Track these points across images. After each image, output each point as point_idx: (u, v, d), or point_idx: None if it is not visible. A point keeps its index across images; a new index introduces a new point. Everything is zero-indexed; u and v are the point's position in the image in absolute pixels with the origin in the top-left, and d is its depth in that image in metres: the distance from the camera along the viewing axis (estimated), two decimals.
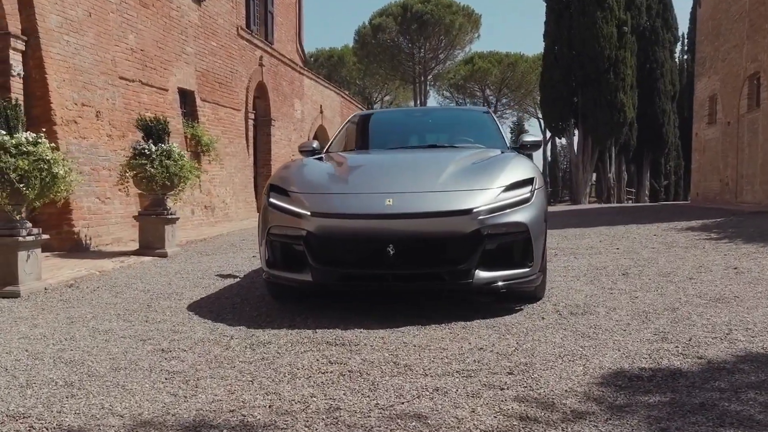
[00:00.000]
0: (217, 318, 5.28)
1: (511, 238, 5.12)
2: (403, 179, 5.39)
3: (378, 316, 5.09)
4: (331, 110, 26.31)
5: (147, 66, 12.39)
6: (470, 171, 5.42)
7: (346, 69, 61.93)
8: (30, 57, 9.19)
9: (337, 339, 4.50)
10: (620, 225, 12.14)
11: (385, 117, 7.89)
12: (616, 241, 9.49)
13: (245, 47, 17.52)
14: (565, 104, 33.30)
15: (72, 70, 9.82)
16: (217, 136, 15.32)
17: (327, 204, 5.21)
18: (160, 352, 4.30)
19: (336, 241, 5.11)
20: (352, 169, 5.79)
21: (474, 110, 8.20)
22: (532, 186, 5.30)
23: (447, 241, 5.00)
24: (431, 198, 5.09)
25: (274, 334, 4.68)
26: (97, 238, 9.71)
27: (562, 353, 3.99)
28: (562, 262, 7.61)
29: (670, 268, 6.87)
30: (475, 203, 5.00)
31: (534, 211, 5.19)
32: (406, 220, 4.98)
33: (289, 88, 21.19)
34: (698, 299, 5.36)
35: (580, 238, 10.28)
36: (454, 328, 4.75)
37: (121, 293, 6.45)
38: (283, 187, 5.51)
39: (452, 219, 4.96)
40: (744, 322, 4.55)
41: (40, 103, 9.25)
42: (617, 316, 4.91)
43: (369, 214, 5.04)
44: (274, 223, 5.38)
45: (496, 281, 5.04)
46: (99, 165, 10.02)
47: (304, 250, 5.14)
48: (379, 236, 4.99)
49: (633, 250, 8.40)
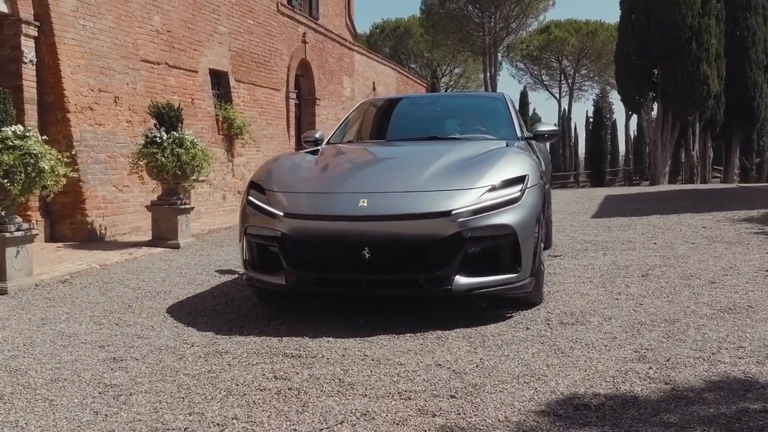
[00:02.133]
0: (191, 321, 5.35)
1: (496, 241, 5.00)
2: (381, 178, 5.33)
3: (356, 322, 5.08)
4: (386, 86, 26.23)
5: (174, 47, 12.57)
6: (456, 169, 5.30)
7: (412, 41, 61.61)
8: (43, 43, 9.44)
9: (298, 349, 4.49)
10: (675, 214, 11.74)
11: (392, 105, 7.79)
12: (659, 235, 9.18)
13: (286, 24, 17.59)
14: (643, 77, 32.27)
15: (88, 55, 10.04)
16: (253, 118, 15.47)
17: (300, 204, 5.20)
18: (110, 361, 4.38)
19: (310, 243, 5.09)
20: (333, 166, 5.75)
21: (488, 96, 8.04)
22: (523, 184, 5.15)
23: (425, 245, 4.91)
24: (408, 199, 5.00)
25: (237, 342, 4.71)
26: (113, 228, 9.95)
27: (523, 373, 3.88)
28: (586, 260, 7.42)
29: (696, 269, 6.60)
30: (454, 204, 4.89)
31: (524, 212, 5.05)
32: (381, 222, 4.92)
33: (336, 65, 21.20)
34: (707, 308, 5.13)
35: (623, 229, 10.00)
36: (427, 338, 4.69)
37: (110, 291, 6.60)
38: (261, 185, 5.51)
39: (430, 221, 4.87)
40: (740, 339, 4.33)
41: (53, 90, 9.51)
42: (608, 328, 4.75)
43: (341, 216, 4.99)
44: (251, 222, 5.40)
45: (478, 288, 4.94)
46: (116, 152, 10.25)
47: (278, 252, 5.14)
48: (353, 239, 4.95)
49: (670, 246, 8.11)
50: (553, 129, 6.81)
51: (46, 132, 9.41)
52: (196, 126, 13.16)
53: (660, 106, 33.05)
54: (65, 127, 9.49)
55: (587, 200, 17.34)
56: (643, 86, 32.71)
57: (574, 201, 17.17)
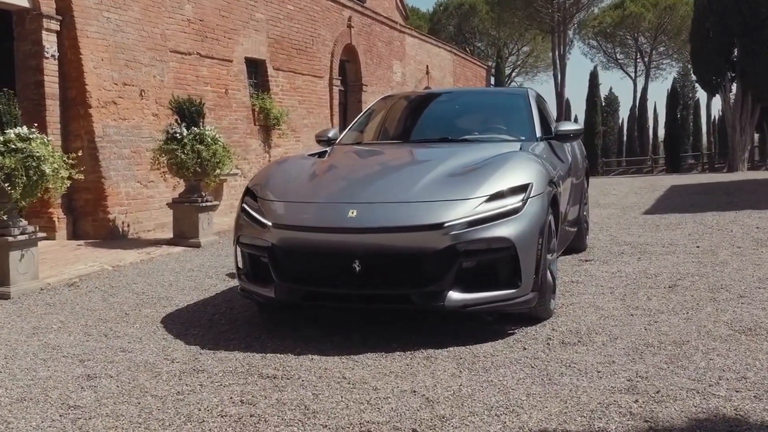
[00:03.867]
0: (181, 333, 5.40)
1: (493, 255, 4.90)
2: (374, 187, 5.27)
3: (350, 337, 5.07)
4: (441, 70, 26.02)
5: (207, 37, 12.69)
6: (454, 177, 5.20)
7: (477, 19, 60.93)
8: (65, 37, 9.63)
9: (277, 368, 4.49)
10: (734, 211, 11.34)
11: (409, 103, 7.69)
12: (706, 236, 8.88)
13: (330, 8, 17.58)
14: (720, 56, 31.24)
15: (112, 49, 10.21)
16: (293, 107, 15.53)
17: (290, 214, 5.18)
18: (84, 378, 4.44)
19: (299, 255, 5.08)
20: (328, 172, 5.71)
21: (510, 93, 7.84)
22: (525, 194, 5.02)
23: (416, 259, 4.84)
24: (399, 210, 4.93)
25: (219, 359, 4.73)
26: (136, 225, 10.13)
27: (499, 403, 3.79)
28: (616, 266, 7.23)
29: (729, 280, 6.35)
30: (447, 216, 4.80)
31: (524, 224, 4.93)
32: (371, 235, 4.87)
33: (386, 49, 21.12)
34: (724, 329, 4.92)
35: (670, 229, 9.72)
36: (416, 357, 4.63)
37: (114, 296, 6.71)
38: (255, 192, 5.52)
39: (421, 234, 4.80)
40: (746, 368, 4.13)
41: (75, 84, 9.71)
42: (610, 350, 4.60)
43: (329, 227, 4.96)
44: (243, 231, 5.41)
45: (474, 304, 4.85)
46: (141, 147, 10.41)
47: (268, 264, 5.14)
48: (341, 252, 4.91)
49: (713, 251, 7.83)
50: (577, 128, 6.62)
51: (68, 128, 9.67)
52: (230, 117, 13.29)
53: (739, 87, 31.98)
54: (87, 123, 9.68)
55: (649, 192, 16.94)
56: (721, 66, 31.66)
57: (634, 193, 16.79)
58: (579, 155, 8.10)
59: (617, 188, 18.74)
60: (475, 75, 30.68)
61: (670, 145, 46.00)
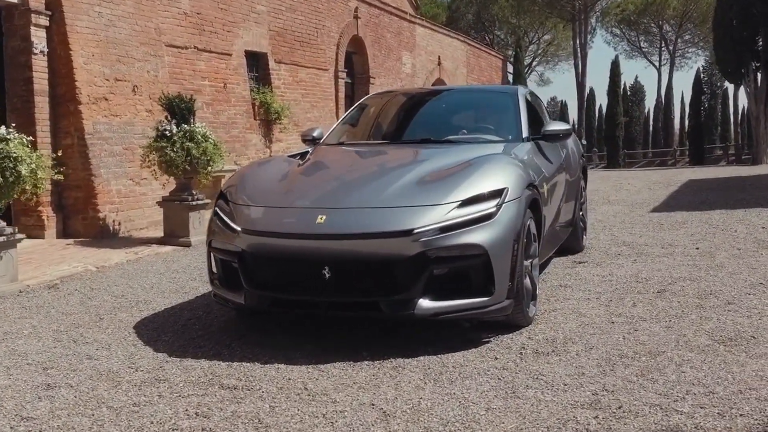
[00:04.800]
0: (152, 339, 5.41)
1: (465, 262, 4.86)
2: (346, 191, 5.25)
3: (321, 344, 5.06)
4: (453, 61, 25.92)
5: (205, 30, 12.70)
6: (427, 181, 5.17)
7: (497, 6, 60.60)
8: (54, 32, 9.67)
9: (240, 379, 4.49)
10: (743, 208, 11.23)
11: (396, 101, 7.65)
12: (708, 237, 8.79)
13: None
14: (744, 46, 30.90)
15: (103, 44, 10.24)
16: (296, 101, 15.54)
17: (259, 219, 5.18)
18: (43, 387, 4.45)
19: (268, 262, 5.07)
20: (301, 175, 5.69)
21: (499, 91, 7.77)
22: (499, 199, 4.98)
23: (386, 267, 4.81)
24: (369, 215, 4.91)
25: (183, 368, 4.73)
26: (128, 223, 10.18)
27: (455, 419, 3.76)
28: (609, 269, 7.17)
29: (720, 285, 6.28)
30: (417, 222, 4.77)
31: (498, 230, 4.89)
32: (339, 241, 4.85)
33: (394, 40, 21.06)
34: (704, 338, 4.87)
35: (674, 228, 9.63)
36: (383, 367, 4.61)
37: (92, 299, 6.74)
38: (228, 196, 5.52)
39: (390, 241, 4.77)
40: (717, 381, 4.08)
41: (64, 81, 9.75)
42: (583, 361, 4.56)
43: (297, 234, 4.95)
44: (215, 236, 5.42)
45: (445, 312, 4.82)
46: (134, 143, 10.45)
47: (238, 270, 5.14)
48: (310, 258, 4.90)
49: (711, 252, 7.75)
50: (565, 128, 6.56)
51: (58, 124, 9.71)
52: (229, 112, 13.31)
53: (763, 78, 31.65)
54: (77, 119, 9.72)
55: (663, 187, 16.82)
56: (745, 55, 31.32)
57: (648, 188, 16.67)
58: (574, 153, 8.04)
59: (632, 183, 18.63)
60: (490, 65, 30.54)
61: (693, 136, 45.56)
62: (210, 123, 12.65)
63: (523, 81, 39.49)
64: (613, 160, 45.72)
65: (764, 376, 4.16)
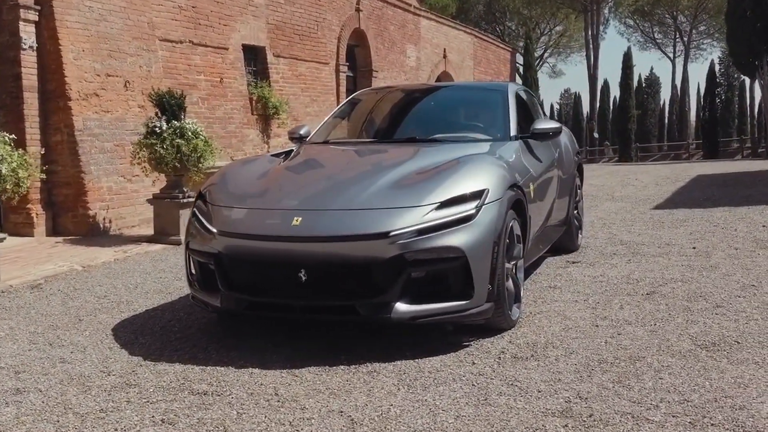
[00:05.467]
0: (128, 342, 5.41)
1: (443, 265, 4.84)
2: (323, 192, 5.25)
3: (299, 347, 5.06)
4: (460, 53, 25.83)
5: (200, 24, 12.69)
6: (406, 182, 5.15)
7: None
8: (44, 27, 9.68)
9: (211, 384, 4.48)
10: (747, 206, 11.17)
11: (383, 98, 7.62)
12: (708, 235, 8.74)
13: None
14: (757, 37, 30.68)
15: (94, 39, 10.25)
16: (295, 95, 15.52)
17: (235, 221, 5.17)
18: (13, 392, 4.46)
19: (245, 264, 5.07)
20: (281, 176, 5.68)
21: (489, 89, 7.69)
22: (479, 200, 4.95)
23: (362, 270, 4.80)
24: (346, 217, 4.90)
25: (156, 372, 4.72)
26: (119, 221, 10.19)
27: (422, 427, 3.73)
28: (602, 269, 7.13)
29: (712, 287, 6.24)
30: (394, 225, 4.75)
31: (477, 232, 4.86)
32: (315, 244, 4.84)
33: (398, 33, 21.01)
34: (686, 343, 4.83)
35: (674, 227, 9.58)
36: (358, 372, 4.60)
37: (74, 299, 6.75)
38: (206, 196, 5.51)
39: (367, 243, 4.76)
40: (693, 389, 4.04)
41: (54, 76, 9.76)
42: (561, 366, 4.53)
43: (272, 236, 4.94)
44: (192, 238, 5.42)
45: (423, 316, 4.81)
46: (126, 140, 10.45)
47: (215, 272, 5.14)
48: (286, 261, 4.89)
49: (707, 252, 7.69)
50: (555, 126, 6.52)
51: (47, 121, 9.72)
52: (225, 107, 13.31)
53: None
54: (66, 116, 9.73)
55: (671, 182, 16.75)
56: (758, 47, 31.11)
57: (655, 184, 16.61)
58: (568, 151, 7.99)
59: (640, 178, 18.54)
60: (498, 58, 30.43)
61: (707, 129, 45.35)
62: (206, 118, 12.68)
63: (533, 73, 39.37)
64: (625, 154, 45.58)
65: (742, 383, 4.13)
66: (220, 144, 12.98)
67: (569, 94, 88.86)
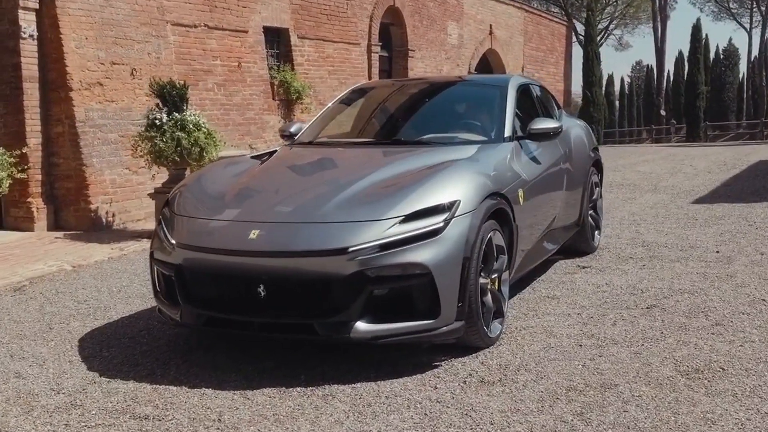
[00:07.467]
0: (90, 355, 5.45)
1: (408, 282, 4.75)
2: (284, 203, 5.19)
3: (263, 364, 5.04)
4: (508, 29, 25.46)
5: (216, 6, 12.71)
6: (372, 193, 5.06)
7: None
8: (45, 15, 9.78)
9: (157, 407, 4.47)
10: None
11: (380, 93, 7.50)
12: (738, 237, 8.47)
13: None
14: None
15: (98, 26, 10.32)
16: (322, 78, 15.48)
17: (193, 233, 5.16)
18: None
19: (203, 278, 5.07)
20: (247, 183, 5.63)
21: (488, 84, 7.45)
22: (449, 213, 4.84)
23: (321, 286, 4.75)
24: (304, 231, 4.84)
25: (106, 391, 4.73)
26: (124, 214, 10.30)
27: None
28: (609, 277, 6.96)
29: (719, 301, 6.02)
30: (354, 240, 4.68)
31: (444, 248, 4.75)
32: (272, 259, 4.80)
33: (438, 10, 20.78)
34: (668, 369, 4.67)
35: (706, 225, 9.31)
36: (313, 395, 4.55)
37: (53, 304, 6.83)
38: (171, 204, 5.51)
39: (325, 259, 4.69)
40: (658, 425, 3.90)
41: (55, 66, 9.87)
42: (527, 393, 4.41)
43: (228, 250, 4.90)
44: (156, 247, 5.42)
45: (385, 336, 4.73)
46: (131, 130, 10.51)
47: (175, 285, 5.14)
48: (243, 276, 4.86)
49: (729, 259, 7.43)
50: (554, 126, 6.35)
51: (48, 112, 9.84)
52: (243, 93, 13.33)
53: None
54: (68, 106, 9.84)
55: (726, 169, 16.36)
56: None
57: (708, 171, 16.23)
58: (582, 147, 7.75)
59: (696, 163, 18.10)
60: (552, 33, 29.93)
61: None
62: (222, 105, 12.72)
63: (595, 47, 38.59)
64: (694, 133, 44.48)
65: (711, 419, 3.97)
66: (238, 131, 13.06)
67: (641, 66, 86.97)
